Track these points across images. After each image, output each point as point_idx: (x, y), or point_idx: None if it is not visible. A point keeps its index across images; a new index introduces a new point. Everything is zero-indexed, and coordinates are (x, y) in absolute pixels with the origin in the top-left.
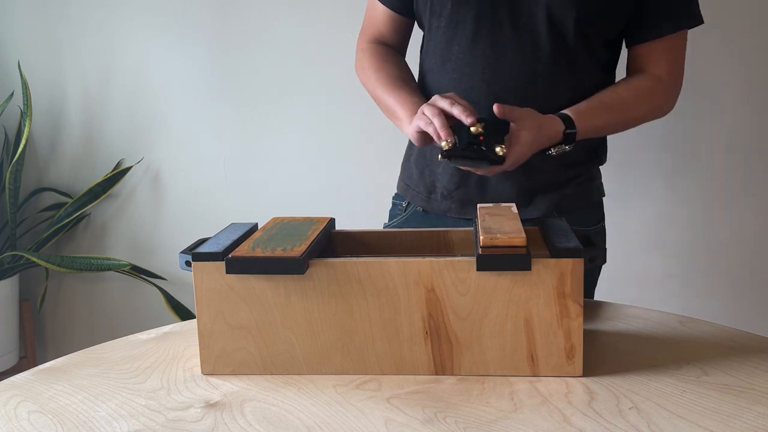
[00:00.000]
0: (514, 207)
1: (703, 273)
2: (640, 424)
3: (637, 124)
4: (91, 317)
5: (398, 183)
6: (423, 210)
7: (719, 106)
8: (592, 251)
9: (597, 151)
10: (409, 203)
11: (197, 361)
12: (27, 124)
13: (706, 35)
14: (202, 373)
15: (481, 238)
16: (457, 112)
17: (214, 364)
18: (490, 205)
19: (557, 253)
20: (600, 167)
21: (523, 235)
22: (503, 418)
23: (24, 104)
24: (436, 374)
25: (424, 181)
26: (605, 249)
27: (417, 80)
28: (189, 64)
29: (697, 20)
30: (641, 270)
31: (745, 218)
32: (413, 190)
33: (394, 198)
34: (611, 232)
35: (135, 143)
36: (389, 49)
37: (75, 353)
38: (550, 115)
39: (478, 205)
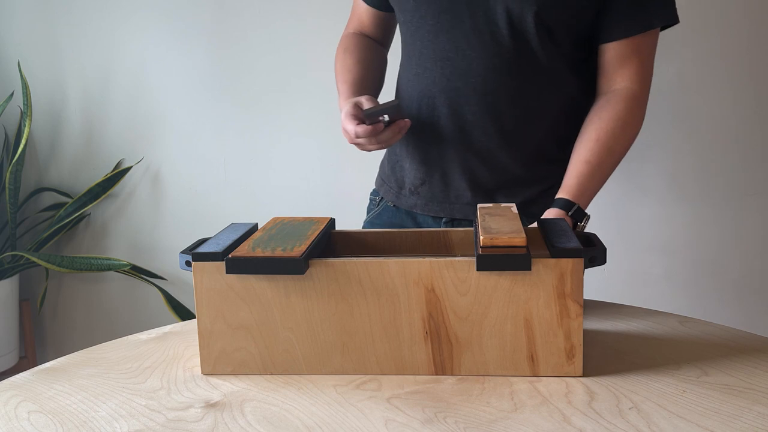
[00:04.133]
0: (514, 207)
1: (703, 273)
2: (640, 424)
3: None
4: (91, 317)
5: (376, 179)
6: (394, 205)
7: (720, 105)
8: (592, 251)
9: (563, 151)
10: (382, 198)
11: (197, 361)
12: (27, 124)
13: (704, 35)
14: (202, 373)
15: (481, 238)
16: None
17: (214, 364)
18: (490, 205)
19: (557, 253)
20: None
21: (523, 235)
22: (503, 418)
23: (24, 104)
24: (436, 374)
25: (396, 176)
26: (605, 249)
27: (398, 74)
28: (189, 64)
29: (668, 20)
30: (641, 270)
31: (745, 218)
32: (387, 185)
33: (371, 194)
34: (611, 232)
35: (135, 143)
36: (365, 38)
37: (75, 353)
38: (548, 211)
39: (478, 205)
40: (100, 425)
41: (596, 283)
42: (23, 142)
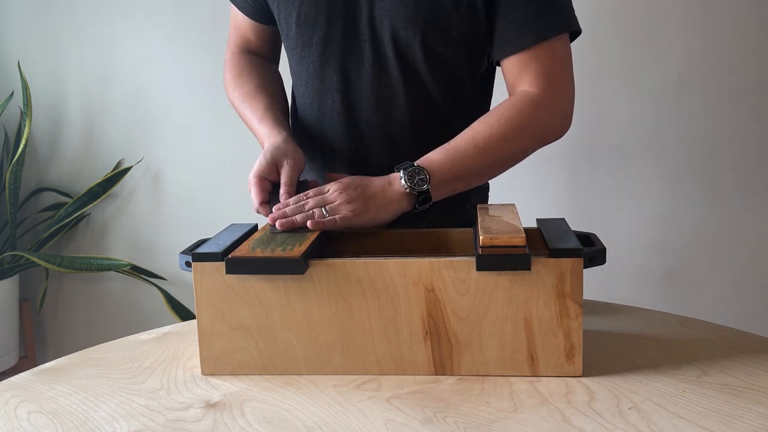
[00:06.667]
0: (514, 207)
1: (703, 273)
2: (640, 424)
3: (521, 159)
4: (91, 317)
5: None
6: None
7: (719, 105)
8: (592, 251)
9: None
10: None
11: (197, 361)
12: (27, 124)
13: (704, 35)
14: (202, 373)
15: (481, 238)
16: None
17: (214, 365)
18: (490, 205)
19: (557, 253)
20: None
21: (523, 235)
22: (503, 418)
23: (24, 104)
24: (436, 374)
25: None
26: (605, 249)
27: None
28: (189, 64)
29: (562, 28)
30: (641, 270)
31: (745, 218)
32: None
33: None
34: (612, 232)
35: (135, 143)
36: (254, 57)
37: (75, 353)
38: (386, 177)
39: (478, 206)
40: (99, 425)
41: (596, 283)
42: (23, 142)
